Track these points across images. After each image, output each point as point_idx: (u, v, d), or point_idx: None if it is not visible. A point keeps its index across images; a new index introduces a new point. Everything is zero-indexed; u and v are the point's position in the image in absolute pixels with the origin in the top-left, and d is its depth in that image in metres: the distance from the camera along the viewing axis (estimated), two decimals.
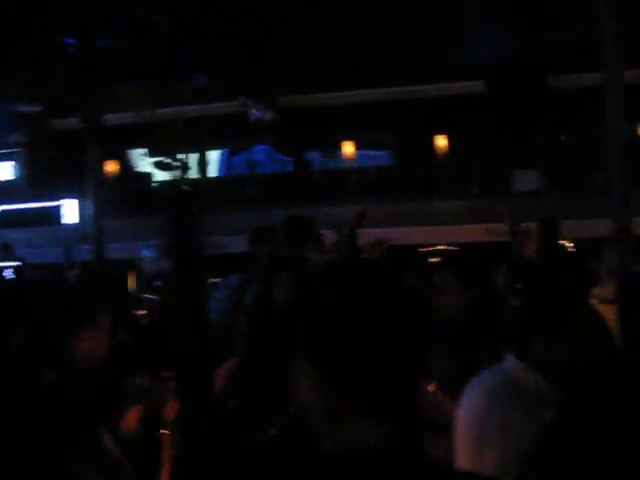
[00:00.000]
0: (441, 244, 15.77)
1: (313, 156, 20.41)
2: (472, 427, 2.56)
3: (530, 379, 2.51)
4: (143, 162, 20.51)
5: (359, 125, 18.81)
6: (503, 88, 15.06)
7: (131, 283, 11.14)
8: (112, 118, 15.61)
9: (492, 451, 2.45)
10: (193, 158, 18.46)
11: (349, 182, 18.24)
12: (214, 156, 21.14)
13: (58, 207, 13.48)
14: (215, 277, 13.73)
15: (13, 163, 20.98)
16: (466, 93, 16.40)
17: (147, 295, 6.64)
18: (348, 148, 17.50)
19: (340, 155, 18.35)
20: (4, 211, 14.09)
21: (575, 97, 14.57)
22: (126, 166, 20.61)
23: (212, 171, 21.04)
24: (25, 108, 15.40)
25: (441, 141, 16.72)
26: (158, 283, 6.38)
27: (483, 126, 17.23)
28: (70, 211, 13.43)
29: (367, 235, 11.26)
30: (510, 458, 2.32)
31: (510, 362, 2.60)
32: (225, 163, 21.51)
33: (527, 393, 2.49)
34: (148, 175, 20.02)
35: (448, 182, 17.72)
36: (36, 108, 15.75)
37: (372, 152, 19.91)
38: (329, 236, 8.97)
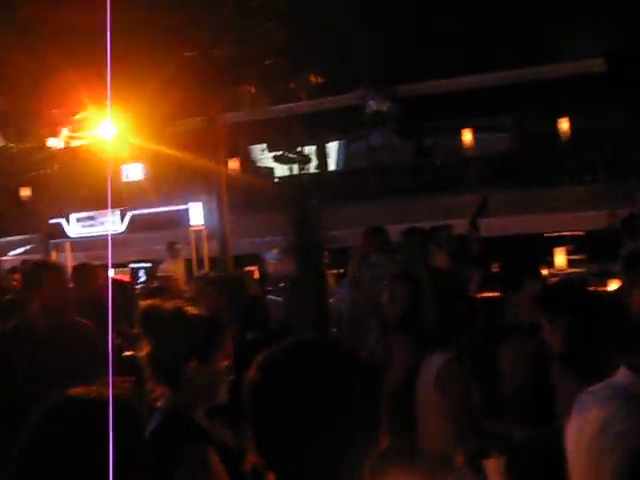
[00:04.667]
0: (566, 232, 15.33)
1: (431, 144, 20.22)
2: (589, 438, 2.53)
3: None
4: (264, 158, 20.94)
5: (478, 111, 18.52)
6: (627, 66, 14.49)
7: (256, 277, 11.47)
8: (233, 116, 15.99)
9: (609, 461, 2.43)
10: (312, 151, 18.67)
11: (469, 170, 17.97)
12: (333, 148, 21.29)
13: (186, 210, 13.99)
14: (337, 269, 13.83)
15: (141, 165, 21.87)
16: (587, 73, 15.86)
17: (272, 297, 6.78)
18: (467, 136, 17.22)
19: (459, 142, 18.11)
20: (134, 216, 14.72)
21: None
22: (247, 163, 21.08)
23: (331, 163, 21.20)
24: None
25: (564, 124, 16.20)
26: (282, 285, 6.51)
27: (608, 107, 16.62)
28: (196, 214, 13.92)
29: (489, 224, 11.13)
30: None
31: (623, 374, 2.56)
32: (343, 154, 21.62)
33: None
34: (269, 170, 20.40)
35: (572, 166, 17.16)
36: (161, 111, 16.26)
37: (491, 136, 19.51)
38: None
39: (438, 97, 18.15)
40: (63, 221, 16.00)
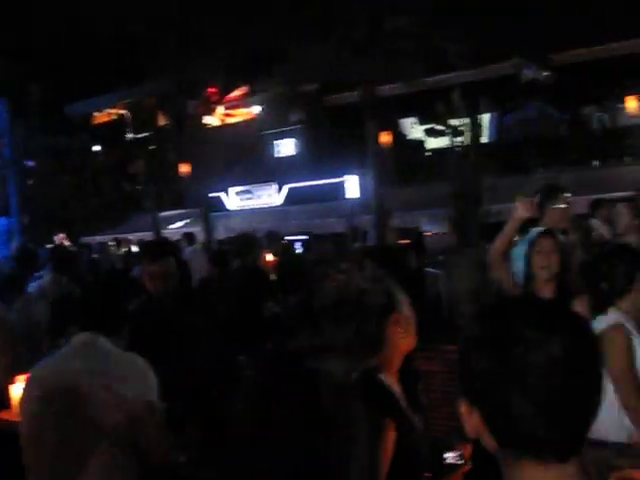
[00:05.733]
0: None
1: (590, 113, 19.36)
2: None
3: None
4: (414, 131, 20.77)
5: None
6: None
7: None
8: (385, 89, 15.92)
9: None
10: (464, 123, 18.32)
11: (635, 140, 17.08)
12: (486, 120, 20.80)
13: (341, 183, 14.12)
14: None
15: (294, 140, 22.25)
16: None
17: (429, 269, 6.72)
18: (631, 103, 16.33)
19: (623, 110, 17.21)
20: (291, 189, 15.03)
21: None
22: (399, 136, 20.98)
23: (485, 136, 20.72)
24: (303, 87, 16.17)
25: None
26: (440, 257, 6.43)
27: None
28: (352, 186, 14.01)
29: None
30: None
31: None
32: (497, 126, 21.08)
33: None
34: (420, 143, 20.25)
35: None
36: (313, 86, 16.45)
37: None
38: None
39: (598, 63, 17.30)
40: (222, 195, 16.47)
